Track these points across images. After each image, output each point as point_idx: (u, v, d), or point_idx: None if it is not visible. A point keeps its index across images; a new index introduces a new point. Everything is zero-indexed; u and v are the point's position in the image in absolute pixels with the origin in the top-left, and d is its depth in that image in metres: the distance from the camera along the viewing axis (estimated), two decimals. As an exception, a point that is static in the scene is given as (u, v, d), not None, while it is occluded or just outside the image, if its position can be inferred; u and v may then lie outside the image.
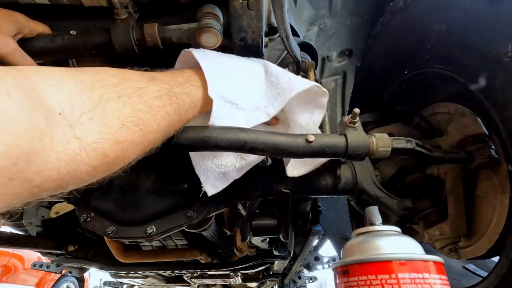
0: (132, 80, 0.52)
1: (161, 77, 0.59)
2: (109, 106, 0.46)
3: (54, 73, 0.44)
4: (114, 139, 0.45)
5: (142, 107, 0.51)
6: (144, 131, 0.51)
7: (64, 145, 0.38)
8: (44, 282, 4.84)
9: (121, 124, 0.46)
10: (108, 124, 0.45)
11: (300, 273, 2.78)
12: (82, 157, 0.41)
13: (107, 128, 0.44)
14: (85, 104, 0.43)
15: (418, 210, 0.86)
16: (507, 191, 0.75)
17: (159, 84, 0.56)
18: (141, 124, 0.50)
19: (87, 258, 1.50)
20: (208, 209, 0.81)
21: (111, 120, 0.45)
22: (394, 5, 1.07)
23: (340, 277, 0.57)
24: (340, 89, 1.75)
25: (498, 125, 0.71)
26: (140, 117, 0.50)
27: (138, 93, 0.51)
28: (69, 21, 0.78)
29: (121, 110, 0.47)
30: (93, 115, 0.43)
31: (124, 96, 0.49)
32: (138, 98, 0.51)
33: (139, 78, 0.55)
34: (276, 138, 0.67)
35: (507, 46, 0.66)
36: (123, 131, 0.47)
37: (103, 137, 0.44)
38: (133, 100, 0.50)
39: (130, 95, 0.50)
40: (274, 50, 0.98)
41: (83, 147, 0.41)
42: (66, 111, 0.40)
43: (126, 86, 0.51)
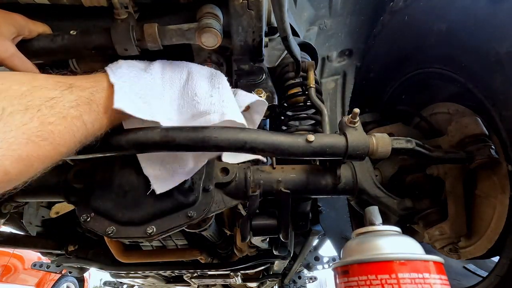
0: (43, 88, 0.49)
1: (80, 83, 0.55)
2: (13, 120, 0.42)
3: None
4: (18, 156, 0.42)
5: (53, 120, 0.47)
6: (55, 144, 0.48)
7: None
8: (44, 282, 4.84)
9: (26, 139, 0.43)
10: (10, 140, 0.42)
11: (300, 273, 2.78)
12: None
13: (9, 144, 0.41)
14: None
15: (418, 210, 0.86)
16: (507, 191, 0.75)
17: (76, 92, 0.53)
18: (51, 137, 0.47)
19: (87, 258, 1.50)
20: (208, 209, 0.81)
21: (15, 136, 0.42)
22: (394, 5, 1.07)
23: (340, 277, 0.57)
24: (340, 89, 1.75)
25: (498, 125, 0.71)
26: (50, 131, 0.46)
27: (50, 104, 0.48)
28: (69, 21, 0.78)
29: (27, 124, 0.44)
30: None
31: (32, 108, 0.45)
32: (49, 109, 0.47)
33: (53, 86, 0.50)
34: (276, 138, 0.67)
35: (507, 46, 0.66)
36: (29, 147, 0.44)
37: (4, 154, 0.41)
38: (42, 112, 0.46)
39: (40, 107, 0.46)
40: (274, 50, 0.98)
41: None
42: None
43: (35, 96, 0.47)
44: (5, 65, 0.66)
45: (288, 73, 0.96)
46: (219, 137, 0.64)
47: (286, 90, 0.96)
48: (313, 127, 0.89)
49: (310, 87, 0.90)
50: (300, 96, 0.95)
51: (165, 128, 0.65)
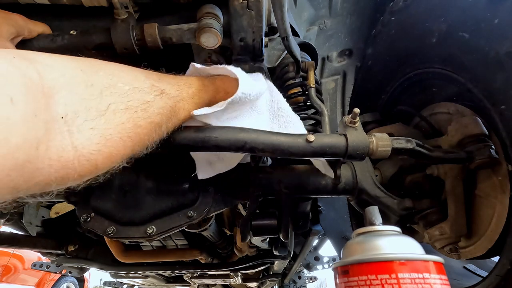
0: (142, 91, 0.51)
1: (169, 90, 0.58)
2: (114, 118, 0.45)
3: (68, 70, 0.42)
4: (109, 153, 0.44)
5: (143, 123, 0.50)
6: (136, 145, 0.50)
7: (60, 152, 0.37)
8: (44, 282, 4.84)
9: (119, 138, 0.45)
10: (108, 137, 0.43)
11: (300, 273, 2.78)
12: (73, 166, 0.39)
13: (106, 141, 0.43)
14: (91, 111, 0.42)
15: (418, 210, 0.86)
16: (507, 191, 0.75)
17: (165, 99, 0.56)
18: (136, 139, 0.49)
19: (87, 258, 1.50)
20: (208, 209, 0.81)
21: (112, 134, 0.44)
22: (394, 5, 1.07)
23: (340, 277, 0.57)
24: (340, 89, 1.74)
25: (498, 125, 0.71)
26: (138, 133, 0.49)
27: (144, 107, 0.50)
28: (69, 21, 0.78)
29: (124, 124, 0.46)
30: (96, 124, 0.42)
31: (131, 109, 0.48)
32: (142, 112, 0.50)
33: (149, 89, 0.53)
34: (276, 138, 0.67)
35: (507, 46, 0.66)
36: (119, 146, 0.46)
37: (100, 149, 0.42)
38: (138, 114, 0.49)
39: (136, 109, 0.49)
40: (274, 50, 0.98)
41: (78, 156, 0.39)
42: (69, 115, 0.39)
43: (135, 97, 0.49)
44: None
45: (288, 73, 0.96)
46: (219, 137, 0.64)
47: (286, 90, 0.96)
48: (313, 127, 0.89)
49: (310, 87, 0.90)
50: (300, 96, 0.95)
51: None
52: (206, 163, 0.79)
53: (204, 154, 0.78)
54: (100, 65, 0.49)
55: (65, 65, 0.43)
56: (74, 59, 0.45)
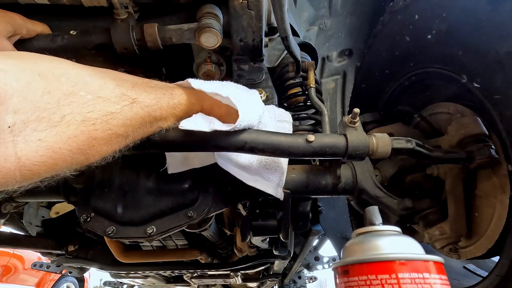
0: (107, 101, 0.48)
1: (143, 98, 0.54)
2: (66, 130, 0.42)
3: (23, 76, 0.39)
4: (54, 164, 0.42)
5: (102, 135, 0.46)
6: (89, 156, 0.47)
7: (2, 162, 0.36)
8: (44, 282, 4.84)
9: (68, 151, 0.43)
10: (56, 150, 0.41)
11: (300, 273, 2.78)
12: (14, 175, 0.38)
13: (53, 153, 0.41)
14: (42, 121, 0.39)
15: (418, 210, 0.85)
16: (507, 191, 0.75)
17: (136, 109, 0.52)
18: (89, 150, 0.46)
19: (87, 258, 1.50)
20: (208, 209, 0.81)
21: (61, 146, 0.42)
22: (394, 5, 1.07)
23: (340, 277, 0.57)
24: (340, 89, 1.74)
25: (498, 125, 0.71)
26: (92, 145, 0.46)
27: (106, 119, 0.47)
28: (69, 21, 0.78)
29: (77, 137, 0.43)
30: (45, 136, 0.40)
31: (88, 121, 0.44)
32: (102, 125, 0.46)
33: (117, 99, 0.49)
34: (276, 138, 0.67)
35: (507, 46, 0.66)
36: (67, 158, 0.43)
37: (44, 161, 0.40)
38: (95, 127, 0.45)
39: (95, 121, 0.45)
40: (274, 50, 0.98)
41: (19, 167, 0.38)
42: (17, 124, 0.37)
43: (97, 108, 0.46)
44: None
45: (288, 73, 0.96)
46: (219, 137, 0.64)
47: (286, 90, 0.96)
48: (313, 127, 0.89)
49: (310, 87, 0.90)
50: (300, 96, 0.95)
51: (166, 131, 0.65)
52: (180, 158, 0.77)
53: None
54: (64, 70, 0.46)
55: (21, 69, 0.40)
56: (35, 63, 0.43)
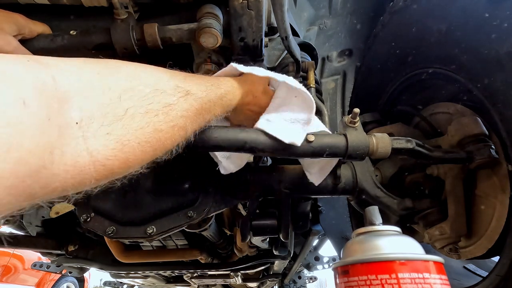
0: (164, 92, 0.49)
1: (195, 90, 0.56)
2: (132, 122, 0.43)
3: (83, 74, 0.41)
4: (126, 158, 0.43)
5: (164, 127, 0.48)
6: (156, 150, 0.48)
7: (75, 158, 0.37)
8: (44, 282, 4.84)
9: (137, 143, 0.44)
10: (125, 143, 0.42)
11: (300, 273, 2.78)
12: (89, 171, 0.39)
13: (123, 146, 0.42)
14: (107, 116, 0.41)
15: (418, 210, 0.86)
16: (507, 191, 0.75)
17: (190, 100, 0.54)
18: (156, 145, 0.47)
19: (87, 258, 1.50)
20: (208, 209, 0.81)
21: (129, 139, 0.43)
22: (394, 5, 1.07)
23: (340, 277, 0.57)
24: (340, 89, 1.74)
25: (498, 125, 0.71)
26: (158, 138, 0.47)
27: (166, 110, 0.48)
28: (69, 21, 0.78)
29: (143, 128, 0.44)
30: (112, 129, 0.41)
31: (151, 112, 0.46)
32: (164, 116, 0.48)
33: (173, 91, 0.51)
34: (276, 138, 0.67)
35: (507, 46, 0.66)
36: (137, 151, 0.44)
37: (116, 154, 0.41)
38: (158, 118, 0.47)
39: (157, 112, 0.47)
40: (274, 50, 0.98)
41: (93, 162, 0.39)
42: (85, 121, 0.38)
43: (156, 100, 0.47)
44: None
45: (288, 73, 0.96)
46: (219, 137, 0.64)
47: (286, 90, 0.96)
48: (313, 127, 0.89)
49: (310, 87, 0.90)
50: (300, 96, 0.95)
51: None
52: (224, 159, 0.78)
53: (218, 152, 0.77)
54: (120, 67, 0.48)
55: (81, 69, 0.42)
56: (91, 62, 0.44)
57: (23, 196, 0.32)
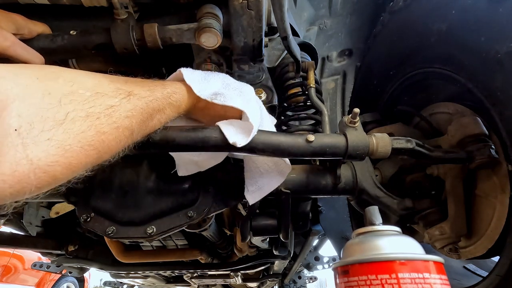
0: (105, 95, 0.49)
1: (138, 91, 0.55)
2: (73, 127, 0.42)
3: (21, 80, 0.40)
4: (68, 163, 0.42)
5: (107, 129, 0.47)
6: (101, 153, 0.48)
7: (13, 167, 0.36)
8: (44, 282, 4.84)
9: (80, 147, 0.43)
10: (67, 148, 0.41)
11: (300, 273, 2.78)
12: (29, 180, 0.38)
13: (65, 151, 0.41)
14: (47, 121, 0.40)
15: (418, 210, 0.86)
16: (507, 191, 0.75)
17: (134, 101, 0.53)
18: (100, 147, 0.47)
19: (87, 258, 1.50)
20: (208, 209, 0.81)
21: (71, 143, 0.42)
22: (394, 5, 1.07)
23: (340, 277, 0.57)
24: (340, 89, 1.75)
25: (498, 125, 0.71)
26: (102, 140, 0.47)
27: (108, 112, 0.48)
28: (69, 21, 0.78)
29: (85, 132, 0.44)
30: (53, 135, 0.40)
31: (93, 115, 0.45)
32: (106, 118, 0.47)
33: (114, 93, 0.51)
34: (276, 138, 0.67)
35: (507, 46, 0.66)
36: (80, 156, 0.43)
37: (58, 160, 0.40)
38: (100, 121, 0.46)
39: (99, 115, 0.46)
40: (274, 50, 0.98)
41: (33, 169, 0.38)
42: (24, 127, 0.37)
43: (97, 103, 0.47)
44: (8, 55, 0.64)
45: (288, 73, 0.96)
46: (219, 137, 0.64)
47: (286, 90, 0.96)
48: (313, 127, 0.89)
49: (310, 87, 0.90)
50: (300, 96, 0.95)
51: (165, 128, 0.65)
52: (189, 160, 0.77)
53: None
54: (59, 72, 0.47)
55: (17, 75, 0.41)
56: (30, 67, 0.44)
57: None
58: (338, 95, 1.76)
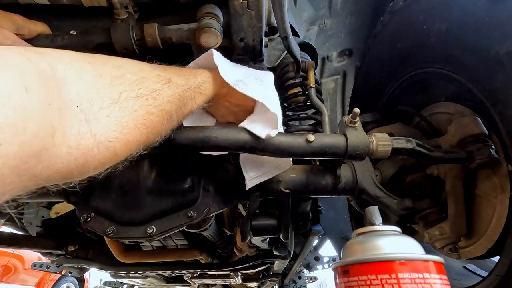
0: (149, 80, 0.53)
1: (175, 79, 0.59)
2: (127, 105, 0.46)
3: (75, 62, 0.43)
4: (126, 140, 0.45)
5: (155, 111, 0.51)
6: (150, 133, 0.52)
7: (78, 140, 0.38)
8: (44, 282, 4.84)
9: (135, 125, 0.47)
10: (124, 124, 0.45)
11: (300, 273, 2.78)
12: (93, 153, 0.40)
13: (122, 128, 0.44)
14: (104, 100, 0.43)
15: (418, 210, 0.85)
16: (507, 191, 0.75)
17: (173, 88, 0.57)
18: (150, 126, 0.50)
19: (87, 258, 1.50)
20: (208, 209, 0.81)
21: (127, 121, 0.45)
22: (394, 5, 1.07)
23: (340, 277, 0.57)
24: (340, 89, 1.75)
25: (498, 125, 0.71)
26: (151, 120, 0.50)
27: (154, 95, 0.52)
28: (69, 21, 0.78)
29: (137, 111, 0.47)
30: (111, 112, 0.43)
31: (142, 97, 0.49)
32: (153, 100, 0.51)
33: (156, 79, 0.55)
34: (276, 138, 0.67)
35: (507, 46, 0.66)
36: (135, 133, 0.47)
37: (117, 136, 0.43)
38: (149, 102, 0.50)
39: (147, 97, 0.50)
40: (274, 50, 0.98)
41: (97, 144, 0.40)
42: (84, 104, 0.40)
43: (144, 86, 0.50)
44: None
45: (288, 73, 0.96)
46: (219, 137, 0.64)
47: (286, 90, 0.96)
48: (313, 127, 0.89)
49: (310, 87, 0.90)
50: (300, 96, 0.95)
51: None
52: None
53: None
54: (107, 58, 0.50)
55: (72, 59, 0.43)
56: (79, 54, 0.46)
57: (27, 176, 0.33)
58: (338, 95, 1.76)
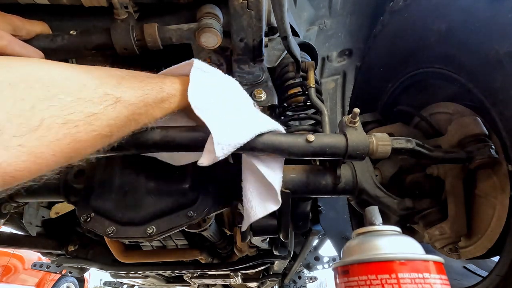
0: (88, 102, 0.47)
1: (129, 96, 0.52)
2: (48, 134, 0.41)
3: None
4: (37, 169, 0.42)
5: (85, 138, 0.46)
6: (74, 159, 0.47)
7: None
8: (44, 282, 4.84)
9: (52, 155, 0.42)
10: (38, 155, 0.41)
11: (300, 273, 2.78)
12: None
13: (36, 158, 0.40)
14: (20, 127, 0.39)
15: (418, 210, 0.85)
16: (507, 191, 0.75)
17: (119, 108, 0.51)
18: (73, 154, 0.46)
19: (87, 258, 1.50)
20: (208, 209, 0.81)
21: (44, 151, 0.41)
22: (394, 5, 1.07)
23: (340, 277, 0.57)
24: (340, 89, 1.75)
25: (498, 125, 0.71)
26: (75, 148, 0.45)
27: (89, 120, 0.46)
28: (69, 21, 0.78)
29: (60, 140, 0.43)
30: (24, 141, 0.39)
31: (70, 123, 0.44)
32: (86, 126, 0.45)
33: (100, 99, 0.48)
34: (276, 138, 0.67)
35: (507, 46, 0.66)
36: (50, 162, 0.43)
37: (27, 166, 0.40)
38: (78, 129, 0.44)
39: (78, 123, 0.44)
40: (274, 50, 0.98)
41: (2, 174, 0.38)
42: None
43: (78, 110, 0.45)
44: (6, 53, 0.64)
45: (288, 73, 0.96)
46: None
47: (286, 90, 0.96)
48: (313, 127, 0.89)
49: (310, 87, 0.90)
50: (300, 96, 0.95)
51: (165, 128, 0.65)
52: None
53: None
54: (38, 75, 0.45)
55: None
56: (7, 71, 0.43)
57: None
58: (338, 95, 1.76)
